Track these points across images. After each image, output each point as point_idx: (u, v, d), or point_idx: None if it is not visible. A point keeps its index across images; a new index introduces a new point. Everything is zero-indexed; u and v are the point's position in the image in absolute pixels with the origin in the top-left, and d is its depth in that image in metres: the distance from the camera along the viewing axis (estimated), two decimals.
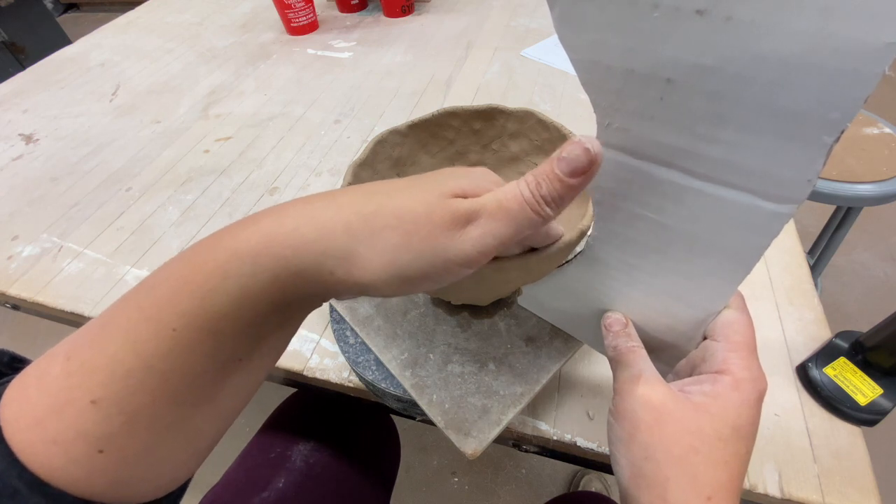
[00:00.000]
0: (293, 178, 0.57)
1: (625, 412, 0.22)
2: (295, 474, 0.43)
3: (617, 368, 0.24)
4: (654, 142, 0.19)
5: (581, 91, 0.70)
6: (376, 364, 0.34)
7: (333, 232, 0.18)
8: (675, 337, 0.25)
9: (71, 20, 2.89)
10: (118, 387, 0.16)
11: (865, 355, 0.34)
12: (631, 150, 0.20)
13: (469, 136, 0.37)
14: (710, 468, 0.20)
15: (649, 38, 0.17)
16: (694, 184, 0.19)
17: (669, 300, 0.24)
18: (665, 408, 0.21)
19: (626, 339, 0.25)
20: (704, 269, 0.22)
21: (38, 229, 0.53)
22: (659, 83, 0.18)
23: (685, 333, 0.24)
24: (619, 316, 0.26)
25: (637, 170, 0.21)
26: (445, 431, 0.29)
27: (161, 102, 0.73)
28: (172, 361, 0.17)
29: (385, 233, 0.18)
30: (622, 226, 0.23)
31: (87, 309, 0.44)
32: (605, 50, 0.18)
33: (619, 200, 0.22)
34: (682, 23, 0.16)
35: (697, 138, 0.18)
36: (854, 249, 1.29)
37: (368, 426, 0.50)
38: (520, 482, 0.97)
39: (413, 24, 0.88)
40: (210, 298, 0.17)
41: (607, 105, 0.20)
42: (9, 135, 0.68)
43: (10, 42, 1.72)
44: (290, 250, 0.18)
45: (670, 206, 0.21)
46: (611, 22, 0.18)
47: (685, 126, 0.18)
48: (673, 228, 0.21)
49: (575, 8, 0.18)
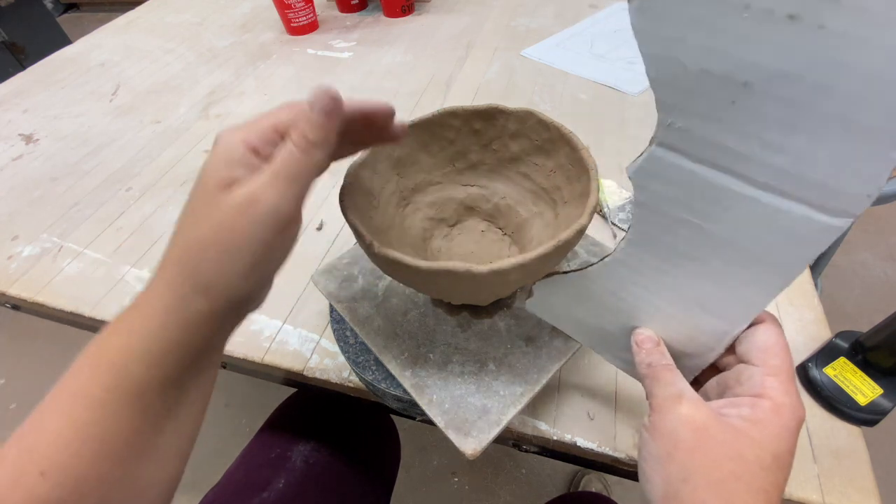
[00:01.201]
0: None
1: (664, 430, 0.21)
2: (295, 474, 0.43)
3: (653, 385, 0.23)
4: (716, 145, 0.19)
5: (581, 91, 0.70)
6: (376, 364, 0.34)
7: (179, 283, 0.20)
8: (695, 348, 0.24)
9: (71, 20, 2.89)
10: (61, 457, 0.18)
11: (865, 355, 0.34)
12: (689, 152, 0.20)
13: (469, 135, 0.37)
14: (750, 497, 0.19)
15: (733, 39, 0.17)
16: (750, 192, 0.19)
17: (696, 310, 0.23)
18: (707, 430, 0.21)
19: (660, 356, 0.24)
20: (742, 279, 0.21)
21: (38, 229, 0.53)
22: (734, 86, 0.17)
23: (706, 345, 0.24)
24: (650, 333, 0.26)
25: (692, 173, 0.20)
26: (445, 431, 0.29)
27: (161, 102, 0.73)
28: (106, 427, 0.19)
29: (205, 251, 0.20)
30: (662, 230, 0.22)
31: (87, 309, 0.44)
32: (681, 47, 0.18)
33: (665, 204, 0.22)
34: (771, 26, 0.16)
35: (763, 145, 0.18)
36: (854, 249, 1.29)
37: (368, 426, 0.50)
38: (520, 482, 0.97)
39: (413, 24, 0.88)
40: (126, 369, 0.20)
41: (673, 104, 0.19)
42: (9, 135, 0.68)
43: (10, 42, 1.72)
44: (163, 320, 0.20)
45: (719, 212, 0.20)
46: (694, 18, 0.17)
47: (752, 132, 0.18)
48: (717, 236, 0.21)
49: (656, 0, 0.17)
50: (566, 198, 0.33)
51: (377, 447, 0.50)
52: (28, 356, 1.25)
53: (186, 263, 0.20)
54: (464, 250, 0.38)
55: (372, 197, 0.33)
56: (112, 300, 0.44)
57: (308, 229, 0.50)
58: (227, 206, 0.19)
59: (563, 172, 0.34)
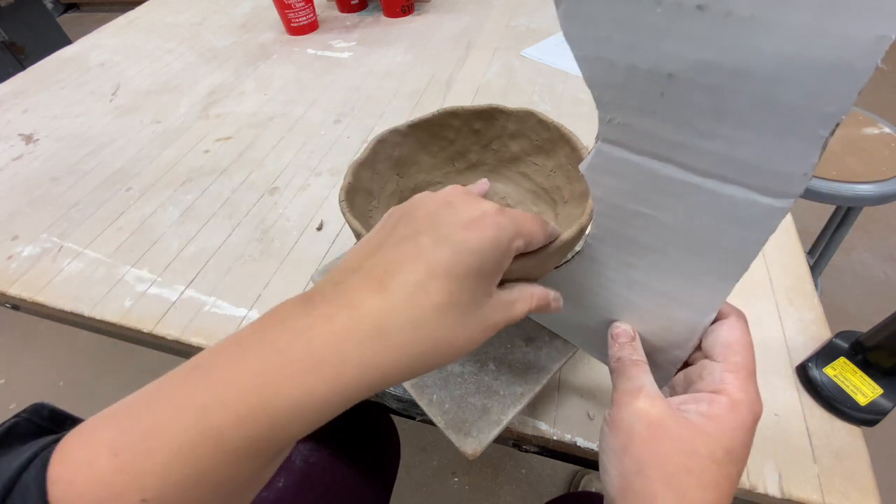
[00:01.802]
0: (293, 178, 0.57)
1: (621, 423, 0.22)
2: (295, 474, 0.43)
3: (618, 379, 0.24)
4: (654, 137, 0.20)
5: (581, 91, 0.70)
6: None
7: (395, 374, 0.19)
8: (670, 342, 0.25)
9: (71, 20, 2.89)
10: (169, 492, 0.16)
11: (865, 355, 0.34)
12: (631, 145, 0.20)
13: (469, 135, 0.37)
14: (701, 489, 0.20)
15: (652, 34, 0.17)
16: (692, 179, 0.20)
17: (666, 301, 0.24)
18: (662, 424, 0.21)
19: (632, 351, 0.25)
20: (701, 267, 0.22)
21: (38, 229, 0.53)
22: (660, 78, 0.18)
23: (680, 336, 0.24)
24: (626, 328, 0.26)
25: (637, 165, 0.21)
26: (445, 431, 0.29)
27: (161, 102, 0.73)
28: (225, 474, 0.17)
29: (435, 349, 0.19)
30: (621, 224, 0.23)
31: (86, 309, 0.44)
32: (608, 46, 0.19)
33: (619, 197, 0.22)
34: (683, 18, 0.16)
35: (697, 133, 0.19)
36: (854, 249, 1.29)
37: (369, 426, 0.50)
38: (520, 482, 0.97)
39: (413, 24, 0.88)
40: (284, 429, 0.17)
41: (609, 101, 0.20)
42: (9, 135, 0.68)
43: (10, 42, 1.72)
44: (366, 389, 0.18)
45: (669, 202, 0.21)
46: (615, 18, 0.18)
47: (685, 121, 0.18)
48: (671, 226, 0.21)
49: (580, 5, 0.18)
50: (566, 197, 0.33)
51: (377, 447, 0.50)
52: (28, 356, 1.25)
53: (416, 367, 0.19)
54: None
55: (372, 197, 0.33)
56: (112, 300, 0.44)
57: (308, 229, 0.50)
58: (484, 314, 0.20)
59: (563, 172, 0.34)
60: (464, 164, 0.38)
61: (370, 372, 0.18)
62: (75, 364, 1.22)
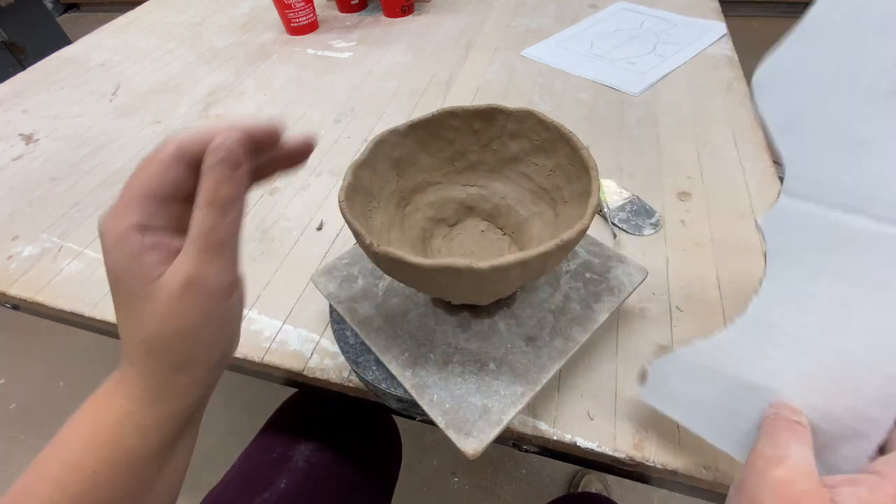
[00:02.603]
0: (293, 177, 0.57)
1: (746, 491, 0.19)
2: (296, 475, 0.43)
3: (760, 438, 0.21)
4: (844, 190, 0.19)
5: (581, 91, 0.70)
6: (376, 364, 0.34)
7: (156, 371, 0.21)
8: (857, 420, 0.21)
9: (71, 20, 2.89)
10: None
11: None
12: (819, 199, 0.20)
13: (469, 135, 0.37)
14: None
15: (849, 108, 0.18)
16: (888, 230, 0.19)
17: (850, 367, 0.21)
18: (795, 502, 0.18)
19: (790, 412, 0.21)
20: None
21: (38, 229, 0.53)
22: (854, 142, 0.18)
23: (868, 412, 0.21)
24: (789, 402, 0.22)
25: (823, 218, 0.20)
26: (446, 431, 0.29)
27: (161, 102, 0.73)
28: (100, 496, 0.20)
29: (166, 342, 0.20)
30: (802, 280, 0.21)
31: (86, 309, 0.44)
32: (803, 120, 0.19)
33: (802, 252, 0.21)
34: None
35: (888, 183, 0.18)
36: None
37: (369, 426, 0.50)
38: (520, 482, 0.97)
39: (413, 24, 0.88)
40: (119, 442, 0.20)
41: (800, 158, 0.20)
42: (9, 135, 0.68)
43: (10, 42, 1.72)
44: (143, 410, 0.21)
45: (859, 254, 0.20)
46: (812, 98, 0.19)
47: (877, 172, 0.18)
48: (862, 278, 0.20)
49: None
50: (566, 197, 0.33)
51: (378, 447, 0.50)
52: (28, 356, 1.25)
53: (156, 357, 0.20)
54: (464, 250, 0.38)
55: (372, 197, 0.33)
56: (112, 300, 0.44)
57: (308, 229, 0.50)
58: (164, 298, 0.19)
59: (563, 172, 0.34)
60: (463, 163, 0.38)
61: None
62: (75, 364, 1.22)
